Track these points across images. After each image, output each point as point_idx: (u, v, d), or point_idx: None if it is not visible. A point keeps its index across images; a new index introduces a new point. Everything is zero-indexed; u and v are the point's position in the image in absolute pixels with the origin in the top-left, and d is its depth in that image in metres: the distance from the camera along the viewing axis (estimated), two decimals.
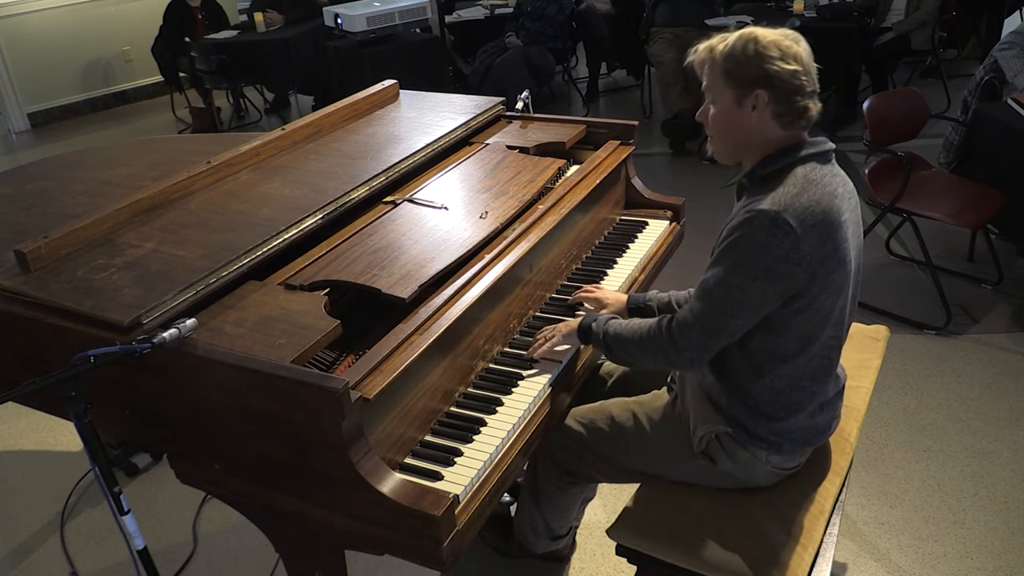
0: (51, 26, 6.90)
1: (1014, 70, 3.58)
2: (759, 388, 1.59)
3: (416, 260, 1.69)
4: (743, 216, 1.47)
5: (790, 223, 1.42)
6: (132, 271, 1.61)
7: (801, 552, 1.56)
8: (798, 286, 1.46)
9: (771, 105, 1.49)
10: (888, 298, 3.39)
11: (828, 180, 1.50)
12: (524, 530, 2.03)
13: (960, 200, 3.27)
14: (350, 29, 5.64)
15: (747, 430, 1.61)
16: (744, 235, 1.45)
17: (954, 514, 2.34)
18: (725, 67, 1.52)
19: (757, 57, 1.48)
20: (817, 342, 1.55)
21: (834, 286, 1.50)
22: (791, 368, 1.56)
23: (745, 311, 1.49)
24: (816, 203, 1.45)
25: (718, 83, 1.54)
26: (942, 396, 2.83)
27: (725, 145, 1.60)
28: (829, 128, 5.39)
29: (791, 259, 1.43)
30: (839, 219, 1.47)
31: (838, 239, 1.47)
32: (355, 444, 1.32)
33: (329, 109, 2.37)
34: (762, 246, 1.43)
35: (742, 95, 1.51)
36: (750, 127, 1.53)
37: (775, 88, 1.48)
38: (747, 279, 1.46)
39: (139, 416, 1.60)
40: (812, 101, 1.51)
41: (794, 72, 1.47)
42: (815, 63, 1.52)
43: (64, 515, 2.59)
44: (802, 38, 1.52)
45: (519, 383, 1.69)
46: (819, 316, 1.51)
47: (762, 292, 1.46)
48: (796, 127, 1.52)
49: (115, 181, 2.23)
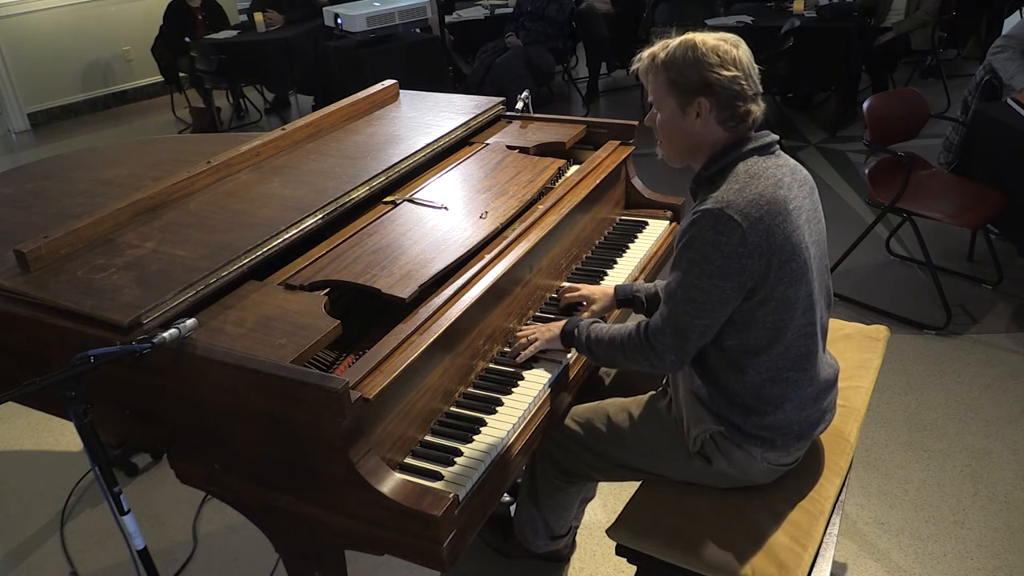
0: (51, 26, 6.90)
1: (1010, 72, 3.58)
2: (740, 384, 1.60)
3: (416, 260, 1.69)
4: (690, 218, 1.51)
5: (734, 218, 1.44)
6: (132, 271, 1.61)
7: (801, 552, 1.56)
8: (754, 278, 1.49)
9: (714, 111, 1.52)
10: (888, 298, 3.40)
11: (772, 171, 1.52)
12: (523, 530, 2.03)
13: (960, 200, 3.27)
14: (350, 29, 5.65)
15: (738, 428, 1.62)
16: (693, 236, 1.48)
17: (954, 514, 2.34)
18: (667, 76, 1.54)
19: (697, 64, 1.50)
20: (788, 331, 1.56)
21: (791, 275, 1.51)
22: (767, 359, 1.57)
23: (707, 310, 1.51)
24: (759, 195, 1.47)
25: (662, 91, 1.57)
26: (942, 396, 2.83)
27: (673, 150, 1.62)
28: (829, 128, 5.40)
29: (741, 253, 1.45)
30: (786, 208, 1.49)
31: (788, 228, 1.49)
32: (355, 444, 1.32)
33: (329, 109, 2.37)
34: (711, 243, 1.46)
35: (685, 102, 1.54)
36: (695, 132, 1.55)
37: (716, 95, 1.50)
38: (702, 278, 1.48)
39: (139, 416, 1.60)
40: (754, 104, 1.53)
41: (733, 78, 1.49)
42: (756, 65, 1.54)
43: (64, 515, 2.59)
44: (741, 42, 1.55)
45: (519, 383, 1.69)
46: (784, 305, 1.53)
47: (720, 289, 1.48)
48: (741, 130, 1.55)
49: (115, 181, 2.23)
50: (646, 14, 5.85)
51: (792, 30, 4.92)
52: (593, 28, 6.24)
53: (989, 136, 3.40)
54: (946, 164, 3.72)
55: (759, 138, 1.57)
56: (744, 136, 1.56)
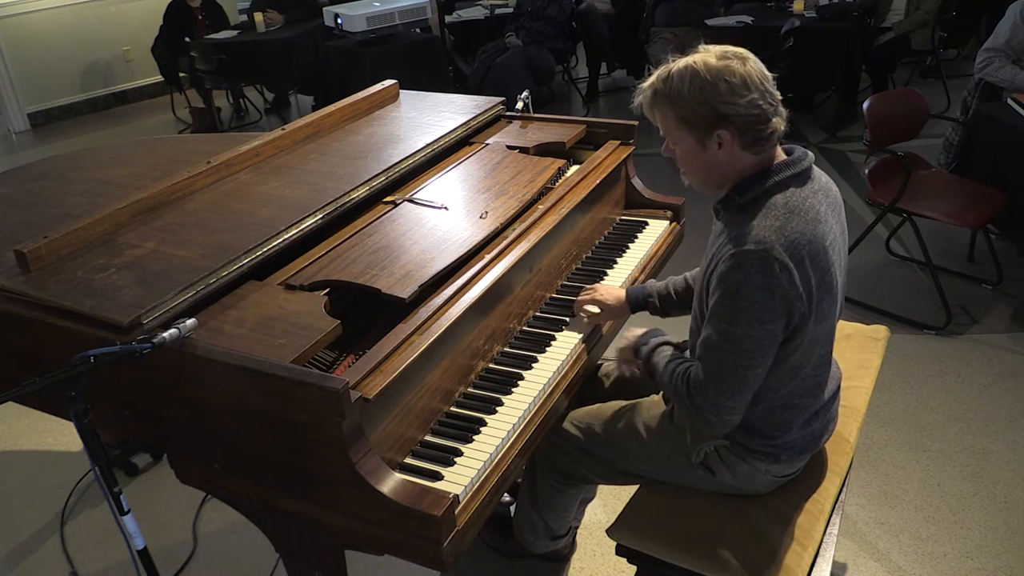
0: (51, 26, 6.90)
1: (1008, 78, 3.58)
2: (752, 412, 1.56)
3: (416, 260, 1.69)
4: (730, 261, 1.39)
5: (782, 260, 1.36)
6: (132, 271, 1.61)
7: (801, 552, 1.56)
8: (800, 318, 1.42)
9: (736, 140, 1.43)
10: (888, 298, 3.39)
11: (810, 203, 1.44)
12: (523, 530, 2.03)
13: (960, 200, 3.27)
14: (350, 29, 5.65)
15: (743, 445, 1.61)
16: (739, 282, 1.38)
17: (954, 514, 2.34)
18: (677, 115, 1.44)
19: (706, 98, 1.40)
20: (807, 366, 1.53)
21: (823, 313, 1.46)
22: (783, 392, 1.54)
23: (760, 358, 1.43)
24: (801, 234, 1.39)
25: (674, 129, 1.47)
26: (942, 396, 2.83)
27: (700, 181, 1.54)
28: (829, 128, 5.40)
29: (793, 295, 1.38)
30: (824, 245, 1.42)
31: (825, 266, 1.43)
32: (355, 444, 1.32)
33: (329, 109, 2.37)
34: (763, 288, 1.37)
35: (703, 137, 1.44)
36: (721, 163, 1.46)
37: (735, 124, 1.41)
38: (754, 325, 1.39)
39: (139, 416, 1.60)
40: (776, 118, 1.43)
41: (750, 102, 1.39)
42: (768, 72, 1.44)
43: (64, 515, 2.59)
44: (749, 55, 1.43)
45: (519, 383, 1.69)
46: (809, 343, 1.48)
47: (771, 332, 1.40)
48: (768, 149, 1.46)
49: (115, 181, 2.23)
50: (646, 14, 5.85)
51: (792, 30, 4.92)
52: (593, 28, 6.24)
53: (989, 136, 3.40)
54: (946, 164, 3.72)
55: (795, 164, 1.47)
56: (776, 160, 1.47)
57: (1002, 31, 3.61)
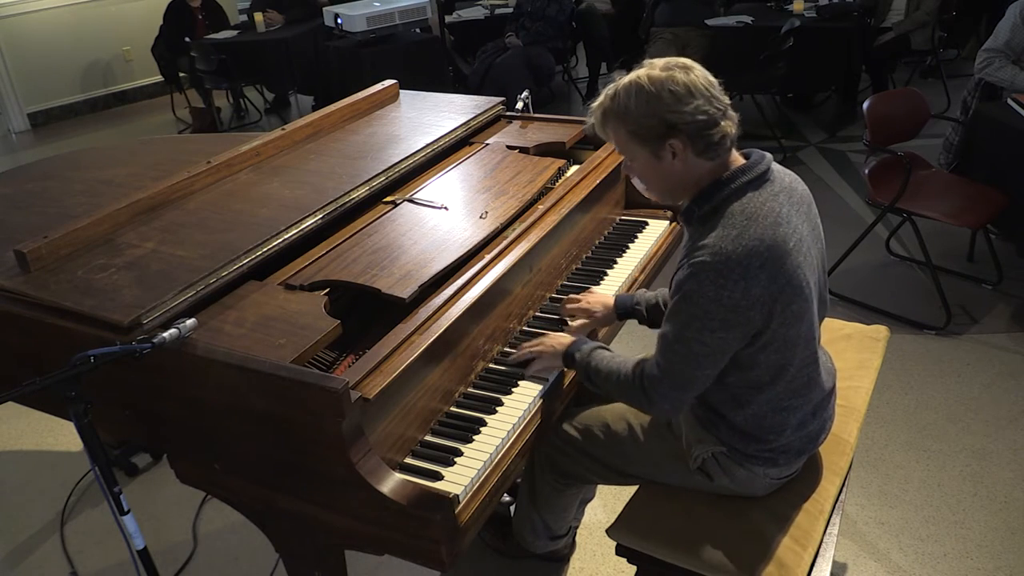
0: (51, 26, 6.90)
1: (1008, 78, 3.58)
2: (742, 416, 1.57)
3: (416, 260, 1.69)
4: (688, 269, 1.43)
5: (736, 271, 1.38)
6: (132, 271, 1.61)
7: (801, 552, 1.56)
8: (757, 326, 1.44)
9: (688, 147, 1.44)
10: (888, 298, 3.39)
11: (769, 207, 1.45)
12: (523, 530, 2.03)
13: (960, 200, 3.27)
14: (350, 29, 5.65)
15: (740, 451, 1.61)
16: (692, 290, 1.42)
17: (954, 514, 2.34)
18: (628, 130, 1.46)
19: (653, 110, 1.42)
20: (791, 367, 1.53)
21: (794, 315, 1.46)
22: (770, 393, 1.55)
23: (709, 361, 1.47)
24: (760, 240, 1.40)
25: (627, 144, 1.49)
26: (942, 396, 2.83)
27: (659, 192, 1.56)
28: (829, 128, 5.40)
29: (743, 306, 1.40)
30: (786, 248, 1.42)
31: (789, 269, 1.42)
32: (355, 444, 1.32)
33: (329, 109, 2.37)
34: (714, 299, 1.40)
35: (656, 149, 1.46)
36: (677, 172, 1.48)
37: (685, 132, 1.42)
38: (704, 332, 1.43)
39: (139, 416, 1.60)
40: (725, 121, 1.44)
41: (696, 108, 1.40)
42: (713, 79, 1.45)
43: (64, 515, 2.59)
44: (693, 64, 1.45)
45: (519, 383, 1.69)
46: (785, 345, 1.49)
47: (722, 340, 1.44)
48: (722, 153, 1.47)
49: (115, 181, 2.23)
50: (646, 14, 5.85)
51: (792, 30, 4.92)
52: (593, 28, 6.24)
53: (989, 136, 3.40)
54: (946, 164, 3.72)
55: (751, 169, 1.48)
56: (731, 167, 1.48)
57: (1002, 31, 3.61)
